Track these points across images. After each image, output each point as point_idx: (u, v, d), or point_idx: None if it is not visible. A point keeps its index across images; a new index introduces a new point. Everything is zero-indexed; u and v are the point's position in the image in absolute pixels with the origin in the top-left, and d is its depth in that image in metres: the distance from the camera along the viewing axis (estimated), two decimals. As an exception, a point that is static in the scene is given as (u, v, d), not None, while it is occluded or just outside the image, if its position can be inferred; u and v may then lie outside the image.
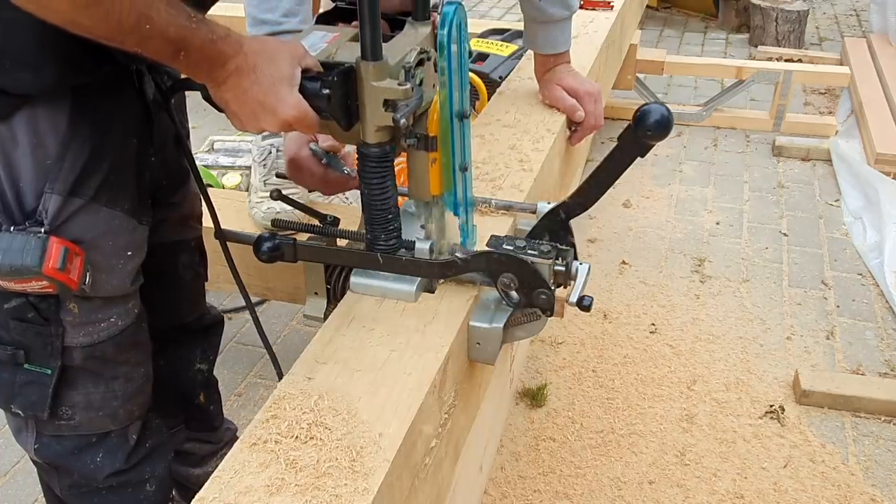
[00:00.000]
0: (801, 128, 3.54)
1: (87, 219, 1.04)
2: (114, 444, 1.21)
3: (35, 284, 0.98)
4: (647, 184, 3.17)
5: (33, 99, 0.97)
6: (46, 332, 1.08)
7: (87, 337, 1.11)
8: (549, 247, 1.11)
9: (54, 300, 1.06)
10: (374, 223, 1.11)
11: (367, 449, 0.86)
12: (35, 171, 0.99)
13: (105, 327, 1.12)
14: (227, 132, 3.26)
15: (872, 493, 1.79)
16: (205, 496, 0.81)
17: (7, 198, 1.00)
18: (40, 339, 1.08)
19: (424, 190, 1.10)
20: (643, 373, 2.15)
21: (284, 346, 2.28)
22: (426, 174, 1.08)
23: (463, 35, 1.02)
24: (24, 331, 1.07)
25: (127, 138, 1.09)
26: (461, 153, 1.09)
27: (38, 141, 0.98)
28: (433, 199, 1.11)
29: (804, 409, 2.03)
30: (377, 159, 1.05)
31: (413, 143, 1.05)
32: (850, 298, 2.47)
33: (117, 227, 1.08)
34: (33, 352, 1.09)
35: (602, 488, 1.80)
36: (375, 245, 1.12)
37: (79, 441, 1.18)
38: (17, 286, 0.99)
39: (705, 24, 5.32)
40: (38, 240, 0.97)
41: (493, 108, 1.84)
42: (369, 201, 1.09)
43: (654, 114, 0.99)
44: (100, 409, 1.17)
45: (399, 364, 0.99)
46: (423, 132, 1.05)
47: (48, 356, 1.09)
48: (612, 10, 2.68)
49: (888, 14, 4.17)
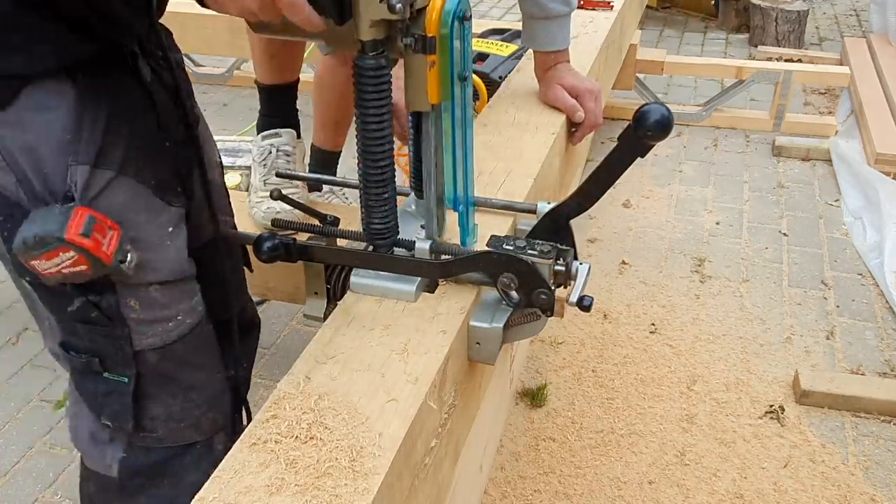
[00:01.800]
0: (801, 128, 3.54)
1: (119, 192, 0.99)
2: (198, 456, 1.16)
3: (64, 257, 0.92)
4: (647, 184, 3.17)
5: (34, 80, 0.94)
6: (113, 333, 1.04)
7: (157, 338, 1.06)
8: (549, 247, 1.11)
9: (114, 297, 1.02)
10: (366, 154, 1.05)
11: (367, 449, 0.86)
12: (55, 149, 0.95)
13: (173, 326, 1.07)
14: (226, 132, 3.26)
15: (872, 493, 1.79)
16: (205, 496, 0.81)
17: (35, 185, 0.96)
18: (111, 344, 1.04)
19: (422, 97, 1.04)
20: (643, 373, 2.15)
21: (284, 346, 2.28)
22: (424, 80, 1.03)
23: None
24: (92, 334, 1.04)
25: (137, 115, 1.05)
26: (461, 59, 1.04)
27: (50, 118, 0.95)
28: (432, 108, 1.06)
29: (804, 409, 2.03)
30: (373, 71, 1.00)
31: (410, 42, 1.00)
32: (850, 298, 2.47)
33: (152, 204, 1.03)
34: (108, 358, 1.05)
35: (602, 488, 1.80)
36: (368, 179, 1.06)
37: (164, 453, 1.14)
38: (49, 264, 0.93)
39: (705, 24, 5.32)
40: (63, 208, 0.93)
41: (493, 107, 1.84)
42: (363, 124, 1.04)
43: (654, 114, 0.99)
44: (181, 420, 1.13)
45: (399, 364, 0.99)
46: (420, 32, 1.00)
47: (122, 363, 1.05)
48: (612, 10, 2.68)
49: (888, 14, 4.17)
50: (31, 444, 1.93)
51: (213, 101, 3.96)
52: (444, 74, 1.03)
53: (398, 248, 1.15)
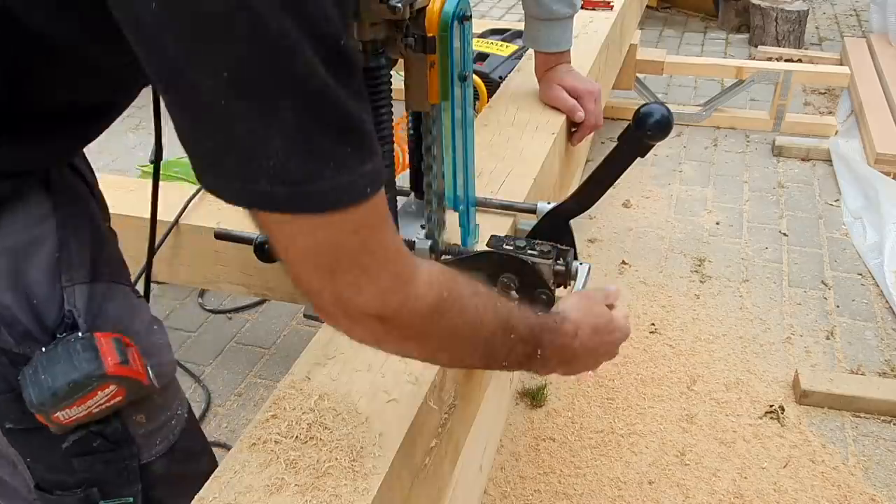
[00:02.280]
0: (801, 128, 3.54)
1: (115, 303, 0.91)
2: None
3: (101, 396, 0.83)
4: (647, 184, 3.17)
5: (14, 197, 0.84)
6: (118, 456, 0.92)
7: (164, 443, 0.97)
8: (549, 247, 1.11)
9: (118, 421, 0.90)
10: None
11: (367, 449, 0.86)
12: (45, 272, 0.85)
13: (175, 424, 0.99)
14: (227, 132, 3.25)
15: (872, 493, 1.79)
16: (204, 496, 0.81)
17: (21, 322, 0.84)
18: (113, 468, 0.92)
19: (422, 97, 1.05)
20: (643, 373, 2.15)
21: (284, 346, 2.28)
22: (424, 80, 1.03)
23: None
24: (91, 465, 0.91)
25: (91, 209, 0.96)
26: (461, 59, 1.04)
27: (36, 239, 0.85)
28: (432, 108, 1.07)
29: (804, 409, 2.03)
30: (373, 72, 1.00)
31: (410, 42, 1.00)
32: (850, 298, 2.47)
33: (137, 303, 0.96)
34: (109, 484, 0.93)
35: (602, 488, 1.80)
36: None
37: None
38: (79, 410, 0.82)
39: (705, 24, 5.32)
40: (83, 342, 0.82)
41: (493, 107, 1.84)
42: None
43: (655, 114, 1.00)
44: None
45: (399, 364, 0.99)
46: (420, 32, 1.00)
47: (126, 484, 0.94)
48: (612, 10, 2.68)
49: (888, 14, 4.17)
50: (31, 444, 1.93)
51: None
52: (444, 74, 1.04)
53: None
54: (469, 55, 1.06)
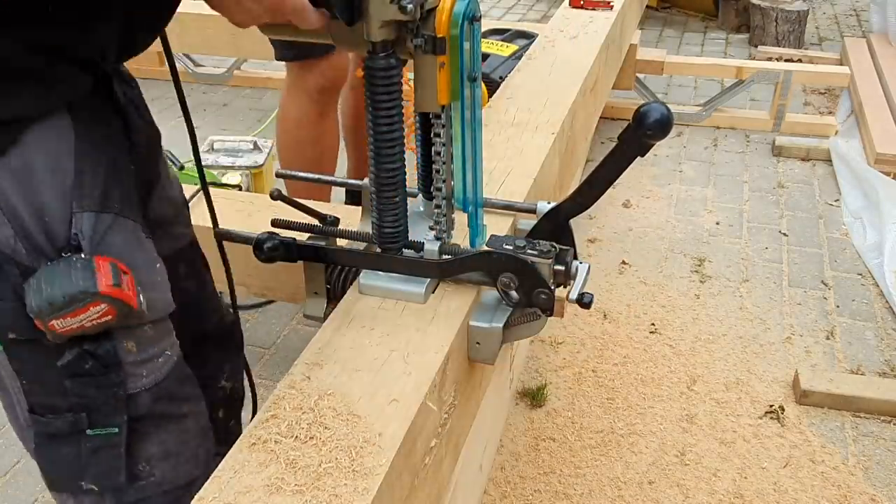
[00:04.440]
0: (801, 128, 3.54)
1: (120, 234, 0.97)
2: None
3: (93, 311, 0.90)
4: (647, 184, 3.17)
5: (35, 122, 0.90)
6: (108, 381, 0.98)
7: (150, 377, 1.02)
8: (548, 246, 1.11)
9: (111, 342, 0.97)
10: (378, 153, 1.06)
11: (367, 449, 0.86)
12: (58, 196, 0.92)
13: (163, 362, 1.04)
14: (227, 132, 3.26)
15: (872, 493, 1.79)
16: (204, 496, 0.81)
17: (34, 236, 0.92)
18: (103, 393, 0.98)
19: (431, 98, 1.05)
20: (643, 373, 2.15)
21: (284, 346, 2.28)
22: (434, 80, 1.03)
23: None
24: (83, 388, 0.97)
25: (121, 145, 1.04)
26: (471, 60, 1.04)
27: (54, 162, 0.92)
28: (442, 109, 1.07)
29: (804, 409, 2.03)
30: (384, 71, 1.00)
31: (420, 43, 1.00)
32: (850, 298, 2.47)
33: (143, 240, 1.02)
34: (96, 411, 0.99)
35: (602, 488, 1.80)
36: (379, 182, 1.07)
37: (163, 499, 1.08)
38: (73, 322, 0.90)
39: (705, 24, 5.32)
40: (83, 261, 0.90)
41: (493, 107, 1.84)
42: (375, 126, 1.04)
43: (654, 113, 0.99)
44: (178, 455, 1.08)
45: (399, 364, 0.99)
46: (430, 33, 1.00)
47: (113, 412, 0.99)
48: (612, 10, 2.68)
49: (888, 14, 4.17)
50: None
51: (213, 101, 3.96)
52: (453, 75, 1.04)
53: (406, 249, 1.15)
54: (478, 56, 1.06)
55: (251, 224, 1.81)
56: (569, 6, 2.66)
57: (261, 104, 3.94)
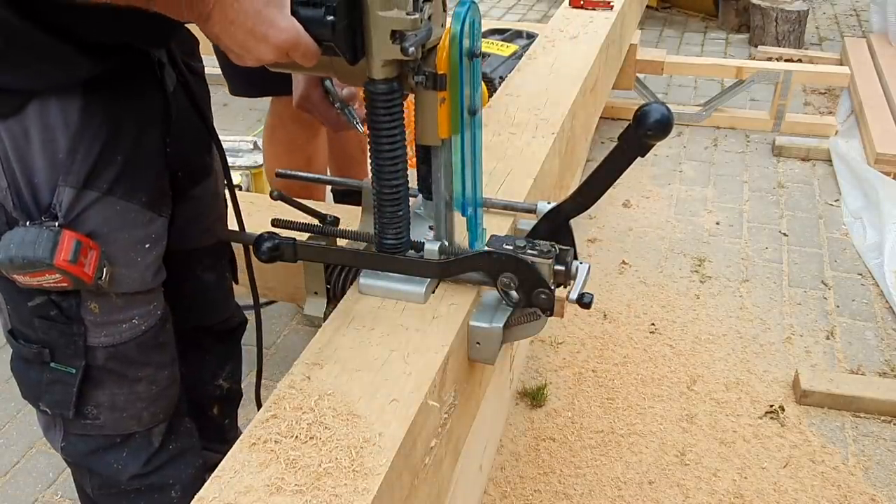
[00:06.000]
0: (801, 128, 3.54)
1: (101, 212, 1.03)
2: (137, 446, 1.21)
3: (49, 278, 0.99)
4: (647, 184, 3.17)
5: (40, 95, 0.97)
6: (69, 330, 1.08)
7: (109, 338, 1.11)
8: (548, 246, 1.11)
9: (75, 299, 1.07)
10: (381, 172, 1.07)
11: (367, 449, 0.86)
12: (48, 165, 0.99)
13: (127, 328, 1.12)
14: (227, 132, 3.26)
15: (872, 493, 1.79)
16: (205, 496, 0.81)
17: (23, 193, 1.00)
18: (64, 339, 1.09)
19: (432, 132, 1.07)
20: (643, 373, 2.15)
21: (284, 346, 2.28)
22: (434, 115, 1.05)
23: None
24: (48, 329, 1.08)
25: (145, 129, 1.07)
26: (470, 94, 1.06)
27: (50, 136, 0.98)
28: (441, 142, 1.08)
29: (804, 409, 2.03)
30: (385, 96, 1.02)
31: (421, 80, 1.02)
32: (850, 298, 2.47)
33: (133, 221, 1.07)
34: (58, 351, 1.10)
35: (602, 488, 1.80)
36: (382, 198, 1.09)
37: (103, 441, 1.19)
38: (32, 280, 1.00)
39: (705, 24, 5.32)
40: (50, 232, 0.98)
41: (493, 107, 1.83)
42: (377, 146, 1.06)
43: (655, 113, 0.99)
44: (124, 410, 1.16)
45: (399, 364, 0.99)
46: (431, 69, 1.02)
47: (72, 356, 1.10)
48: (612, 10, 2.68)
49: (888, 14, 4.17)
50: (31, 444, 1.93)
51: (213, 101, 3.94)
52: (454, 110, 1.06)
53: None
54: (479, 90, 1.08)
55: (251, 224, 1.81)
56: (569, 6, 2.66)
57: (261, 104, 3.91)
